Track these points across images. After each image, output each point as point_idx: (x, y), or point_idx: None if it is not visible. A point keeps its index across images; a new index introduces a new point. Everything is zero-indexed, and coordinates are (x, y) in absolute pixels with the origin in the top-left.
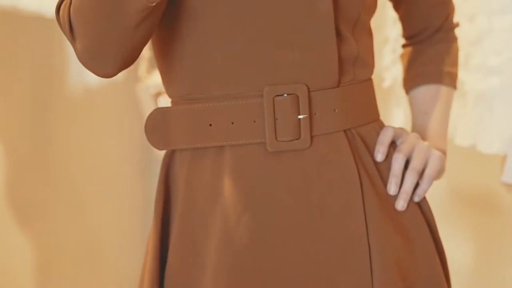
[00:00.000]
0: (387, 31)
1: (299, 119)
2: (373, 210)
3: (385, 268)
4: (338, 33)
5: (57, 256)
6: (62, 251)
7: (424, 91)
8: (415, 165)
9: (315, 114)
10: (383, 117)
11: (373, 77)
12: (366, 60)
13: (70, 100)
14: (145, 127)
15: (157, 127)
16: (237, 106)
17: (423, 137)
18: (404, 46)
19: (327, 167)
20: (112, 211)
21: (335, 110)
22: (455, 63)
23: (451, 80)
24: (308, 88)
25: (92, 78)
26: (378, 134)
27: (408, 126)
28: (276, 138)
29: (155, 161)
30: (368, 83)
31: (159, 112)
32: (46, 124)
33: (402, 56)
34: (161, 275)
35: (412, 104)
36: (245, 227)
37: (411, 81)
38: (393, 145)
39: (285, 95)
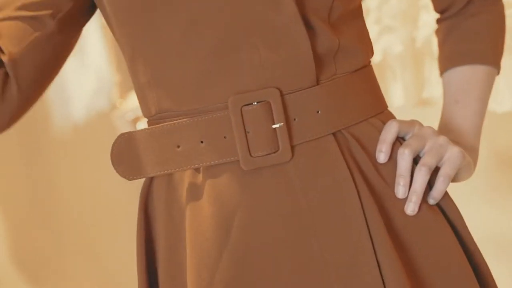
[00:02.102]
0: (367, 0)
1: (275, 128)
2: (378, 226)
3: (400, 282)
4: (309, 26)
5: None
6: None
7: (456, 75)
8: (425, 161)
9: (294, 119)
10: None
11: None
12: (353, 48)
13: (59, 140)
14: (111, 157)
15: (123, 155)
16: (204, 122)
17: (450, 131)
18: (437, 21)
19: (316, 181)
20: (124, 247)
21: (318, 112)
22: (497, 36)
23: (492, 59)
24: (281, 92)
25: (77, 113)
26: (380, 130)
27: (409, 104)
28: (250, 154)
29: None
30: (359, 73)
31: (122, 139)
32: (39, 170)
33: (436, 32)
34: None
35: (444, 91)
36: (222, 277)
37: (443, 64)
38: (400, 142)
39: (255, 103)
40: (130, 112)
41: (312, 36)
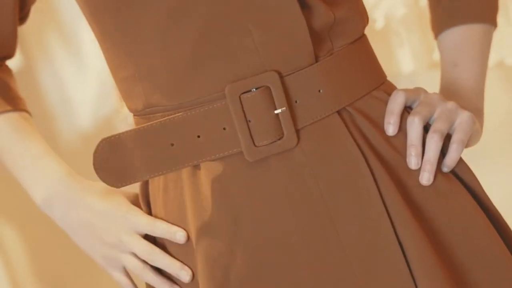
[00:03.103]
0: None
1: (277, 114)
2: (395, 201)
3: (425, 262)
4: (303, 3)
5: None
6: None
7: (453, 37)
8: (437, 127)
9: (296, 102)
10: (386, 63)
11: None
12: (348, 20)
13: (68, 152)
14: (93, 165)
15: (107, 161)
16: (199, 115)
17: (452, 95)
18: None
19: (326, 164)
20: None
21: (319, 91)
22: None
23: (488, 15)
24: (280, 74)
25: (82, 122)
26: (386, 102)
27: (419, 68)
28: (254, 143)
29: None
30: (356, 45)
31: (105, 143)
32: None
33: None
34: None
35: (440, 54)
36: (237, 275)
37: (437, 25)
38: (408, 112)
39: (253, 90)
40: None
41: (307, 13)
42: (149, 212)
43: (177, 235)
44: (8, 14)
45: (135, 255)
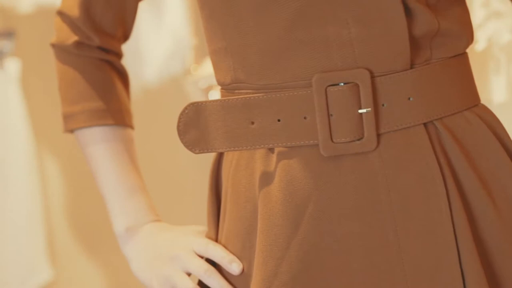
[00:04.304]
0: None
1: (361, 114)
2: (465, 234)
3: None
4: (406, 7)
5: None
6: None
7: None
8: None
9: (383, 105)
10: (478, 89)
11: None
12: (453, 33)
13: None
14: (177, 126)
15: (191, 126)
16: (283, 99)
17: None
18: None
19: (401, 175)
20: (188, 215)
21: (409, 99)
22: None
23: None
24: (372, 73)
25: (149, 75)
26: (475, 126)
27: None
28: (331, 139)
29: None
30: (456, 60)
31: (191, 108)
32: None
33: None
34: None
35: None
36: (289, 268)
37: None
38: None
39: (341, 84)
40: (204, 80)
41: (409, 16)
42: (216, 189)
43: (232, 265)
44: None
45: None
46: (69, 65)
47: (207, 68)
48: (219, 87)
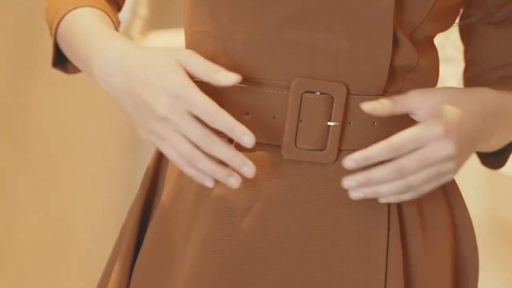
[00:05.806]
0: None
1: (329, 126)
2: (397, 265)
3: None
4: (395, 37)
5: (14, 239)
6: (21, 232)
7: None
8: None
9: (350, 123)
10: None
11: None
12: (426, 73)
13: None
14: None
15: None
16: (257, 94)
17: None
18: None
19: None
20: (87, 194)
21: (373, 123)
22: None
23: None
24: (348, 90)
25: None
26: None
27: None
28: (295, 143)
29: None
30: None
31: None
32: (24, 82)
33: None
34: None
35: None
36: (226, 253)
37: None
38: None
39: (318, 93)
40: None
41: (396, 46)
42: (158, 163)
43: (244, 138)
44: None
45: (186, 138)
46: None
47: (152, 41)
48: None
